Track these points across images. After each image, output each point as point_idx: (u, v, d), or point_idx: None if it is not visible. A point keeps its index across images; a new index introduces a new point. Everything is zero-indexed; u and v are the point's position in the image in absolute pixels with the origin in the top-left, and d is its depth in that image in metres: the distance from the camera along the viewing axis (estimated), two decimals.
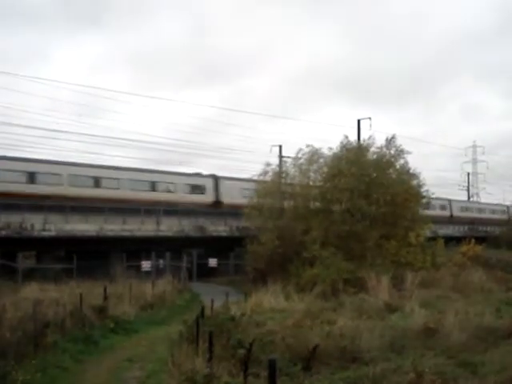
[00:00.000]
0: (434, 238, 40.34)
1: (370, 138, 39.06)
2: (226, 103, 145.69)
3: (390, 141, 38.17)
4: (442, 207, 76.33)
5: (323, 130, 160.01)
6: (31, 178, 39.30)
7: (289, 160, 43.52)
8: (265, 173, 41.99)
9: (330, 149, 38.81)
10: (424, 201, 40.66)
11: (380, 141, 39.41)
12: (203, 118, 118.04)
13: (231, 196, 49.79)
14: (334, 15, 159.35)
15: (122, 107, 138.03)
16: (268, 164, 42.38)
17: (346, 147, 38.68)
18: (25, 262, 37.02)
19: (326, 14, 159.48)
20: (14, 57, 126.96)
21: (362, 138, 42.95)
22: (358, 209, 36.35)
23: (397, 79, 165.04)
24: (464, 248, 44.90)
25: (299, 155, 39.83)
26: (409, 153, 38.38)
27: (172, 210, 43.25)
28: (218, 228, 45.35)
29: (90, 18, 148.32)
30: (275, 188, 40.47)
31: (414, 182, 38.88)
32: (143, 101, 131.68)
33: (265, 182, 41.63)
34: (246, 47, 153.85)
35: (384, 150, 38.27)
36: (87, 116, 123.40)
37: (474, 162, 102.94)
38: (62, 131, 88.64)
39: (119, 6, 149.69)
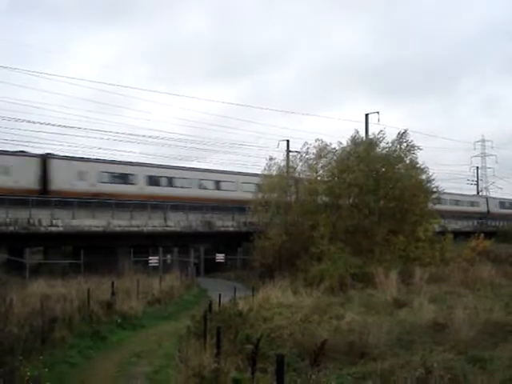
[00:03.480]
0: (442, 233, 40.21)
1: (380, 132, 38.87)
2: (246, 98, 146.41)
3: (402, 136, 37.99)
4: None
5: (340, 126, 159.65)
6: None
7: (297, 155, 43.42)
8: (269, 167, 41.91)
9: (340, 143, 38.75)
10: (434, 196, 40.55)
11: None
12: (220, 114, 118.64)
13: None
14: (356, 9, 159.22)
15: (140, 104, 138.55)
16: (271, 158, 42.29)
17: (355, 142, 38.56)
18: (32, 257, 37.12)
19: (349, 7, 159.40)
20: (34, 52, 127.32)
21: (372, 133, 42.74)
22: (366, 204, 36.27)
23: (419, 73, 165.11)
24: (473, 243, 44.68)
25: (307, 150, 39.75)
26: (420, 148, 38.25)
27: (179, 204, 43.27)
28: (226, 223, 45.28)
29: (110, 13, 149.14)
30: (282, 183, 40.35)
31: (423, 177, 38.74)
32: (161, 97, 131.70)
33: (270, 176, 41.52)
34: (268, 42, 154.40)
35: (395, 144, 38.10)
36: (103, 113, 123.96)
37: (483, 156, 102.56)
38: (78, 127, 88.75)
39: (140, 1, 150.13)
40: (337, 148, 38.77)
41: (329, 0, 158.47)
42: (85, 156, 45.23)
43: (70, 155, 44.28)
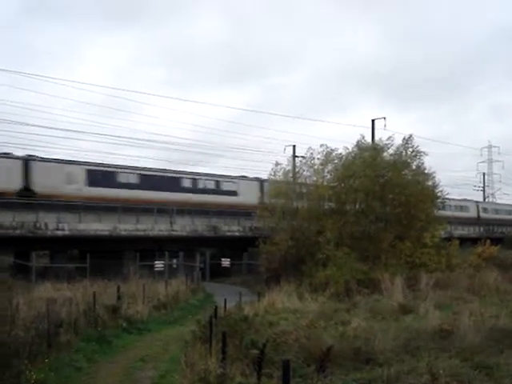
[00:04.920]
0: (449, 239, 40.13)
1: (388, 138, 38.82)
2: (257, 103, 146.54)
3: (407, 141, 37.95)
4: None
5: (351, 131, 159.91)
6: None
7: (302, 160, 43.39)
8: (275, 173, 41.93)
9: (346, 149, 38.75)
10: (439, 201, 40.48)
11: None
12: (230, 119, 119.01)
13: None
14: (367, 13, 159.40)
15: (148, 108, 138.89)
16: (277, 163, 42.29)
17: (360, 147, 38.54)
18: (38, 261, 37.19)
19: (360, 12, 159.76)
20: (44, 54, 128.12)
21: (378, 138, 42.67)
22: (372, 210, 36.22)
23: (429, 78, 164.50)
24: (479, 249, 44.56)
25: (313, 155, 39.74)
26: (425, 154, 38.21)
27: (185, 209, 43.27)
28: (232, 228, 45.29)
29: (122, 16, 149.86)
30: (288, 188, 40.33)
31: (429, 183, 38.69)
32: (170, 102, 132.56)
33: (276, 181, 41.51)
34: (279, 46, 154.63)
35: (401, 149, 38.07)
36: (110, 117, 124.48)
37: (490, 162, 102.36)
38: (83, 132, 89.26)
39: (152, 4, 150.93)
40: (343, 153, 38.78)
41: (340, 5, 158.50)
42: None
43: None
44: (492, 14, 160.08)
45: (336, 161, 38.77)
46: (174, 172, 47.68)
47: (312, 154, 39.48)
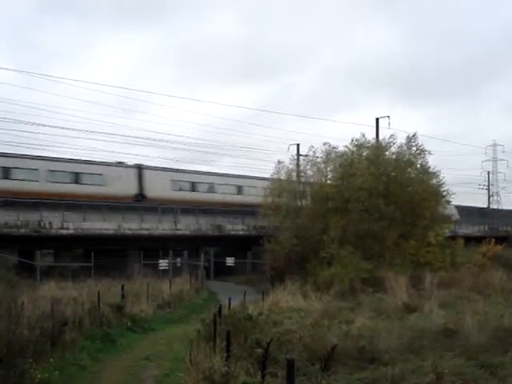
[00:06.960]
0: (453, 238, 40.06)
1: (391, 136, 38.86)
2: (267, 102, 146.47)
3: (411, 139, 37.96)
4: None
5: (360, 129, 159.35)
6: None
7: (305, 159, 43.39)
8: (278, 171, 41.97)
9: (346, 147, 38.79)
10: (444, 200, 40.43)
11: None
12: (239, 118, 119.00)
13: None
14: (379, 14, 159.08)
15: (157, 108, 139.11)
16: (280, 162, 42.36)
17: (363, 146, 38.54)
18: (43, 260, 37.26)
19: (372, 12, 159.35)
20: (57, 53, 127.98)
21: (382, 137, 42.70)
22: (376, 208, 36.18)
23: (440, 77, 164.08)
24: (484, 248, 44.41)
25: (315, 154, 39.81)
26: (430, 153, 38.22)
27: (189, 208, 43.32)
28: (236, 227, 45.31)
29: (133, 15, 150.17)
30: (291, 187, 40.34)
31: (434, 181, 38.66)
32: (181, 102, 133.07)
33: (279, 180, 41.55)
34: (291, 45, 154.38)
35: (404, 148, 38.10)
36: (120, 117, 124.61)
37: (494, 160, 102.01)
38: (94, 131, 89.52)
39: (163, 4, 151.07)
40: (342, 151, 38.81)
41: (350, 4, 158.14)
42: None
43: None
44: (504, 12, 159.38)
45: (338, 160, 38.77)
46: None
47: (314, 152, 39.61)
